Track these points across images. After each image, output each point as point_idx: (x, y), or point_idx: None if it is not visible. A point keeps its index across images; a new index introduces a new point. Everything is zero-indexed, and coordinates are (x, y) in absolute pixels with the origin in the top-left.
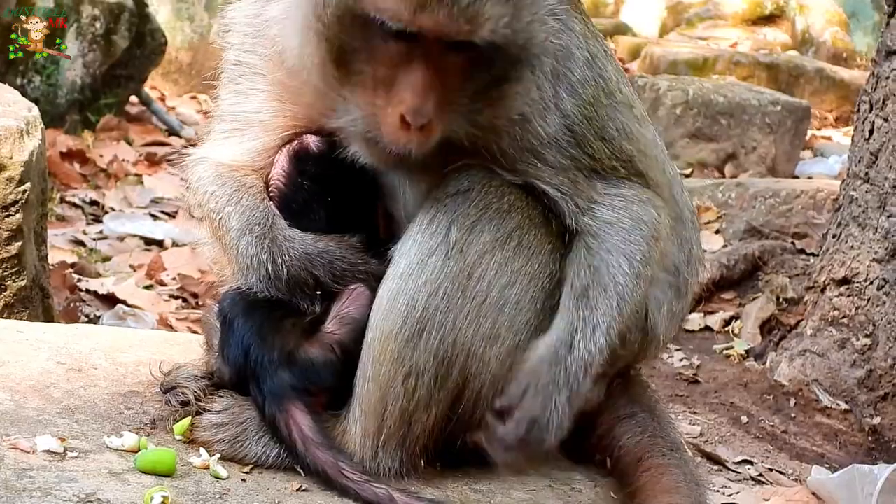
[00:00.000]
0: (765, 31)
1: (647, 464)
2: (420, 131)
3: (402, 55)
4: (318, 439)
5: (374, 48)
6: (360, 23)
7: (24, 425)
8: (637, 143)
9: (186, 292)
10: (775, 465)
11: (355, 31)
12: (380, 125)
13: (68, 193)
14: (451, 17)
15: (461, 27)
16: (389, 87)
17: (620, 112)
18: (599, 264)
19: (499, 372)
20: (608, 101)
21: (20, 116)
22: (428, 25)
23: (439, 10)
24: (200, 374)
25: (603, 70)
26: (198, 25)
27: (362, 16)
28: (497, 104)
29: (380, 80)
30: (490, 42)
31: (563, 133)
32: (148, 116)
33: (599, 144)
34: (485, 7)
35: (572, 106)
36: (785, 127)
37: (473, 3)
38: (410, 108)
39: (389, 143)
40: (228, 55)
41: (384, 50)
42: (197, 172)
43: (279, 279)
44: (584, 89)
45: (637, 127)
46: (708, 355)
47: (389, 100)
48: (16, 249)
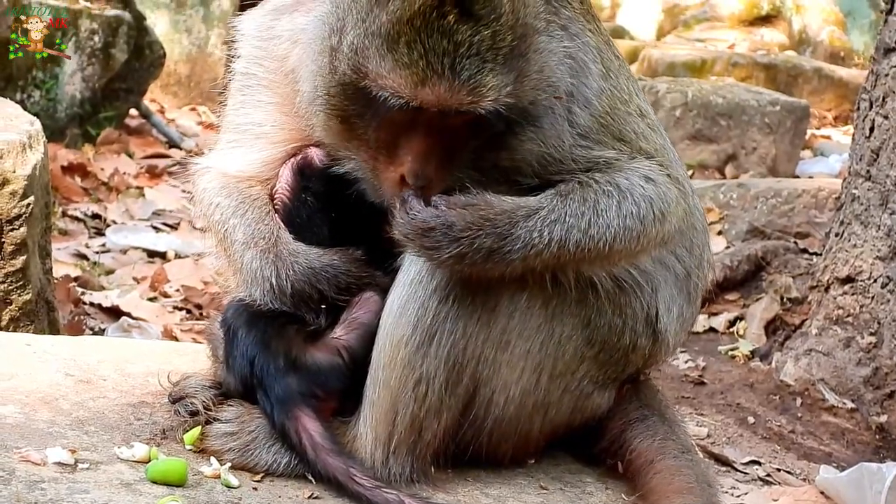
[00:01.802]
0: (762, 32)
1: (659, 466)
2: (420, 189)
3: (404, 122)
4: (328, 446)
5: (376, 115)
6: (363, 95)
7: (34, 437)
8: (654, 144)
9: (190, 303)
10: (783, 465)
11: (358, 101)
12: (381, 181)
13: (70, 207)
14: (453, 90)
15: (462, 99)
16: (391, 149)
17: (635, 118)
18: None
19: (509, 377)
20: (624, 107)
21: (22, 130)
22: (429, 100)
23: (440, 84)
24: (208, 384)
25: (617, 81)
26: (196, 37)
27: (363, 88)
28: (500, 153)
29: (382, 143)
30: (493, 111)
31: (580, 144)
32: (148, 129)
33: (618, 144)
34: (486, 78)
35: (587, 118)
36: (784, 127)
37: (475, 76)
38: (410, 171)
39: (390, 197)
40: (237, 65)
41: (387, 118)
42: (202, 182)
43: (283, 293)
44: (599, 101)
45: (651, 133)
46: (713, 356)
47: (391, 161)
48: (20, 263)
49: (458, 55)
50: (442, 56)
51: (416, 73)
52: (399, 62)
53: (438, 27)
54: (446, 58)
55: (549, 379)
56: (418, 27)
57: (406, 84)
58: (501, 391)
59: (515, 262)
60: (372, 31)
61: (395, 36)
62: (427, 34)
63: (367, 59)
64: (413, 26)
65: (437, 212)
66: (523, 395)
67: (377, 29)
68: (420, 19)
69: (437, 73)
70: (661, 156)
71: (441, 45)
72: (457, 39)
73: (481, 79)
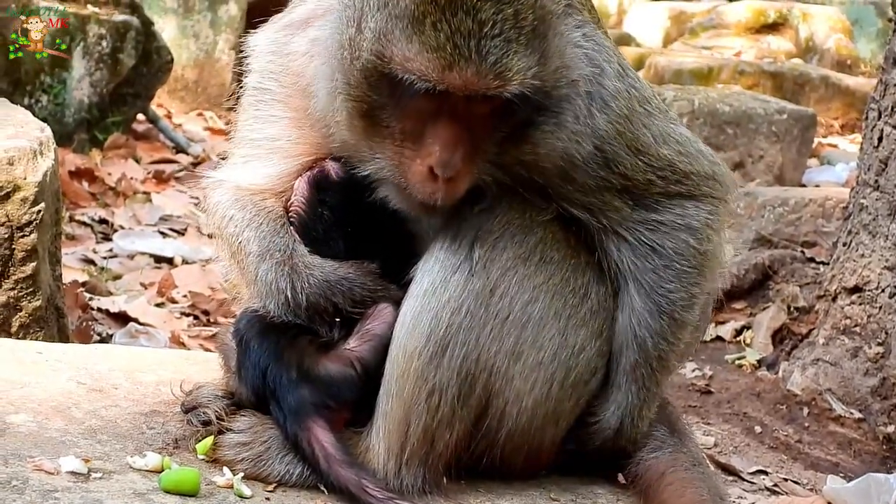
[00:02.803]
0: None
1: (670, 478)
2: (448, 182)
3: (429, 110)
4: (340, 456)
5: (401, 104)
6: (386, 82)
7: (47, 446)
8: (676, 145)
9: (198, 309)
10: (790, 475)
11: (382, 89)
12: (408, 176)
13: (77, 212)
14: (479, 74)
15: (489, 83)
16: (417, 139)
17: (656, 118)
18: (645, 335)
19: (522, 388)
20: (642, 108)
21: (33, 137)
22: (456, 84)
23: (467, 68)
24: (221, 394)
25: (635, 80)
26: (203, 43)
27: (387, 74)
28: (523, 147)
29: (407, 134)
30: (519, 94)
31: (594, 154)
32: (155, 134)
33: (632, 160)
34: (512, 61)
35: (605, 123)
36: (791, 135)
37: (501, 59)
38: (439, 161)
39: (418, 194)
40: (249, 80)
41: (411, 105)
42: (215, 196)
43: (298, 306)
44: (616, 102)
45: (674, 128)
46: (720, 365)
47: (417, 152)
48: (31, 270)
49: (483, 35)
50: (468, 37)
51: (443, 57)
52: (426, 45)
53: (462, 5)
54: (472, 39)
55: (561, 389)
56: (443, 6)
57: (433, 67)
58: (514, 402)
59: None
60: (395, 13)
61: (420, 17)
62: (452, 13)
63: (391, 44)
64: (438, 5)
65: None
66: (535, 405)
67: (401, 11)
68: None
69: (463, 57)
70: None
71: (466, 25)
72: (481, 18)
73: (507, 62)
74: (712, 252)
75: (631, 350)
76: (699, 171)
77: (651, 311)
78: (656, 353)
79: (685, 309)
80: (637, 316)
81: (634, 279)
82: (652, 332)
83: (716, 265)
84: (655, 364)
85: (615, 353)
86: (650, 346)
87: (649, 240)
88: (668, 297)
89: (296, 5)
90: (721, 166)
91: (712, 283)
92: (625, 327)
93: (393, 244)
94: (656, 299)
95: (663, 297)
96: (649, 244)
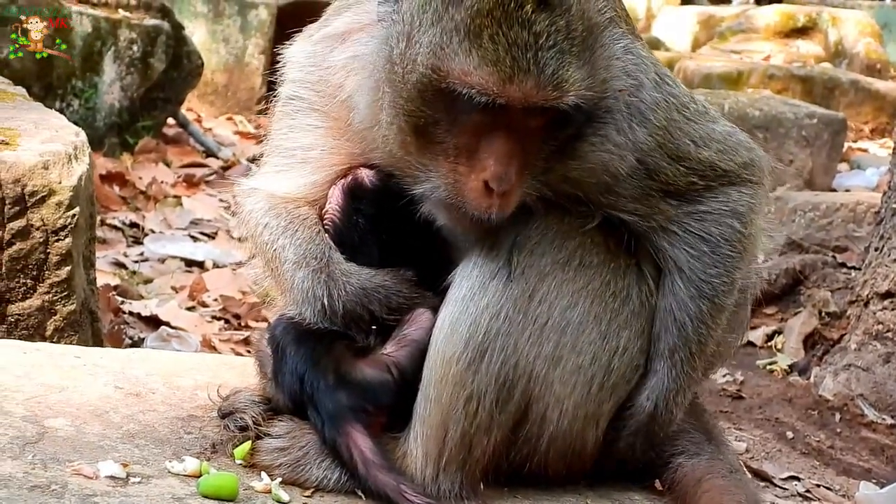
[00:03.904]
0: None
1: (708, 485)
2: (502, 196)
3: (484, 124)
4: (379, 461)
5: (457, 119)
6: (442, 96)
7: (86, 451)
8: (716, 144)
9: (229, 313)
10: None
11: (438, 104)
12: (462, 192)
13: (108, 216)
14: (539, 86)
15: (548, 95)
16: (472, 154)
17: (695, 121)
18: (685, 318)
19: (561, 392)
20: (681, 114)
21: (68, 142)
22: (516, 97)
23: (527, 80)
24: (258, 399)
25: (673, 87)
26: (233, 47)
27: (444, 89)
28: (569, 162)
29: (461, 149)
30: (575, 105)
31: (636, 167)
32: (185, 138)
33: (673, 167)
34: (568, 72)
35: (645, 136)
36: (822, 140)
37: (557, 70)
38: (495, 175)
39: (472, 210)
40: (284, 89)
41: (467, 120)
42: (248, 204)
43: (335, 314)
44: (654, 114)
45: (713, 127)
46: (751, 371)
47: (472, 167)
48: (65, 274)
49: (539, 47)
50: (525, 50)
51: (503, 70)
52: (485, 59)
53: (518, 18)
54: (529, 52)
55: (602, 391)
56: (499, 18)
57: (494, 81)
58: (554, 407)
59: None
60: (451, 27)
61: (477, 30)
62: (508, 25)
63: (448, 58)
64: (494, 18)
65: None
66: (576, 408)
67: (456, 25)
68: (500, 10)
69: (522, 70)
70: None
71: (522, 38)
72: (536, 30)
73: (563, 73)
74: (755, 235)
75: (670, 334)
76: (739, 162)
77: (692, 295)
78: (696, 337)
79: (725, 294)
80: (678, 300)
81: (679, 269)
82: (692, 315)
83: (755, 249)
84: (694, 348)
85: (653, 339)
86: (690, 329)
87: (697, 229)
88: (711, 282)
89: (332, 17)
90: (757, 150)
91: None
92: (665, 311)
93: (428, 251)
94: (699, 284)
95: (706, 283)
96: (697, 234)
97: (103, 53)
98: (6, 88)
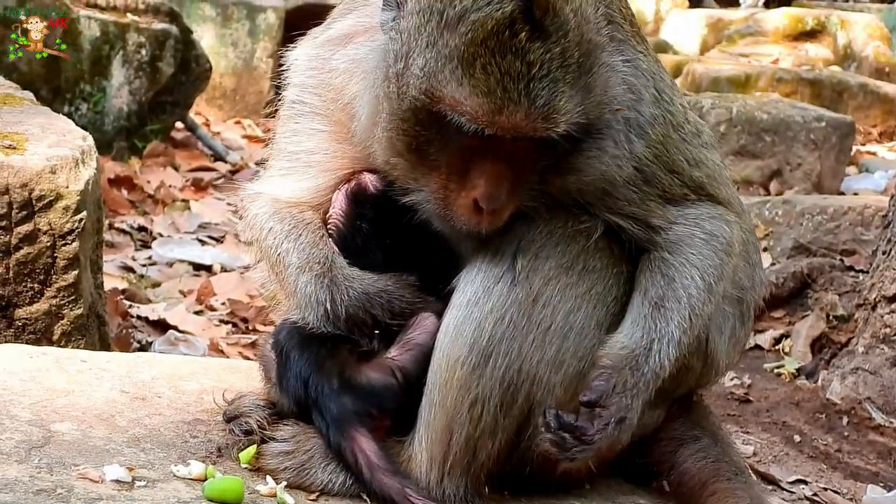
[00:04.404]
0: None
1: (713, 487)
2: (491, 213)
3: (476, 147)
4: (383, 465)
5: (448, 141)
6: (437, 120)
7: (91, 455)
8: (706, 169)
9: (236, 317)
10: (830, 485)
11: (431, 126)
12: (451, 208)
13: (116, 220)
14: (528, 117)
15: (537, 125)
16: (462, 173)
17: (689, 142)
18: (674, 275)
19: (563, 398)
20: (677, 134)
21: (75, 146)
22: (505, 127)
23: (516, 112)
24: (263, 404)
25: (670, 104)
26: (241, 51)
27: (439, 115)
28: (565, 176)
29: (453, 168)
30: (564, 133)
31: (634, 174)
32: (194, 142)
33: (669, 178)
34: (560, 103)
35: (643, 148)
36: (830, 143)
37: (549, 101)
38: (484, 195)
39: (461, 225)
40: (288, 93)
41: (459, 143)
42: (253, 208)
43: (338, 318)
44: (653, 129)
45: (706, 153)
46: (759, 374)
47: (462, 185)
48: (73, 278)
49: (532, 77)
50: (517, 80)
51: (493, 101)
52: (477, 89)
53: (511, 47)
54: (521, 82)
55: None
56: (492, 48)
57: (484, 112)
58: None
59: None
60: (445, 54)
61: (470, 59)
62: (501, 55)
63: (441, 84)
64: (487, 47)
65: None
66: None
67: (450, 52)
68: (493, 40)
69: (513, 101)
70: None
71: (515, 68)
72: (529, 59)
73: (555, 104)
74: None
75: (657, 286)
76: (723, 196)
77: (682, 262)
78: (685, 294)
79: (714, 276)
80: (667, 264)
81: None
82: (681, 275)
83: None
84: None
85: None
86: (678, 286)
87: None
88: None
89: (335, 20)
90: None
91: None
92: (652, 270)
93: (431, 256)
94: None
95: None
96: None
97: (112, 57)
98: (14, 93)
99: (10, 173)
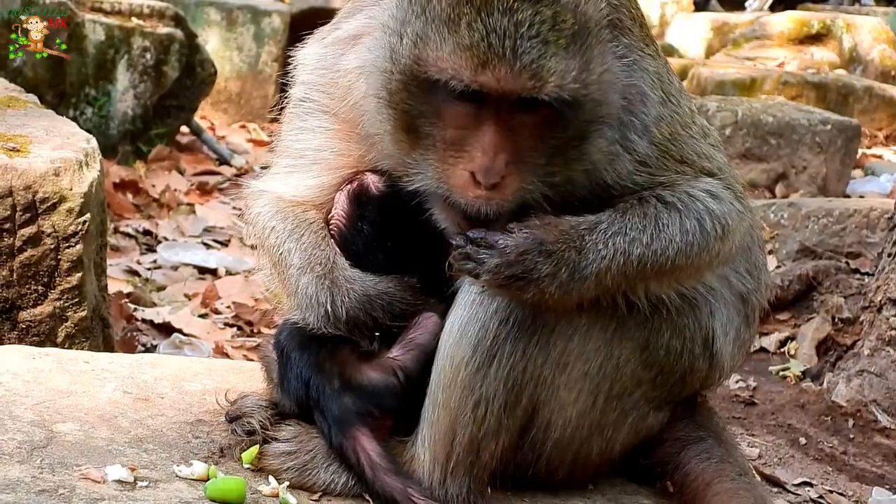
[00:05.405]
0: (812, 51)
1: (717, 488)
2: (492, 189)
3: (470, 116)
4: (386, 465)
5: (441, 111)
6: (425, 87)
7: (94, 455)
8: (717, 163)
9: (241, 320)
10: (835, 487)
11: (421, 96)
12: (450, 182)
13: (121, 224)
14: (514, 74)
15: (525, 83)
16: (460, 147)
17: (697, 140)
18: (649, 210)
19: (567, 399)
20: (685, 132)
21: (79, 148)
22: (490, 83)
23: (501, 67)
24: (265, 404)
25: (677, 106)
26: (246, 55)
27: (426, 79)
28: (574, 163)
29: (450, 142)
30: (558, 98)
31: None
32: (198, 146)
33: (680, 168)
34: (549, 62)
35: (647, 145)
36: (835, 146)
37: (537, 59)
38: (480, 167)
39: (462, 202)
40: (295, 91)
41: (452, 111)
42: (257, 206)
43: (338, 319)
44: (659, 128)
45: (714, 151)
46: (764, 377)
47: (460, 158)
48: (76, 280)
49: (520, 36)
50: (503, 37)
51: (476, 55)
52: (459, 44)
53: (499, 6)
54: (507, 39)
55: (606, 401)
56: (478, 6)
57: (466, 66)
58: (559, 413)
59: (589, 280)
60: (432, 17)
61: (456, 18)
62: (487, 13)
63: (427, 46)
64: (473, 6)
65: (524, 234)
66: (580, 416)
67: (437, 15)
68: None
69: (497, 56)
70: (724, 174)
71: (501, 25)
72: (517, 19)
73: (543, 63)
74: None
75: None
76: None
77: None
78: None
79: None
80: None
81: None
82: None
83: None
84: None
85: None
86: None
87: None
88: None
89: (343, 20)
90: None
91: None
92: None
93: (433, 258)
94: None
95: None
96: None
97: (116, 61)
98: (18, 96)
99: (13, 176)
